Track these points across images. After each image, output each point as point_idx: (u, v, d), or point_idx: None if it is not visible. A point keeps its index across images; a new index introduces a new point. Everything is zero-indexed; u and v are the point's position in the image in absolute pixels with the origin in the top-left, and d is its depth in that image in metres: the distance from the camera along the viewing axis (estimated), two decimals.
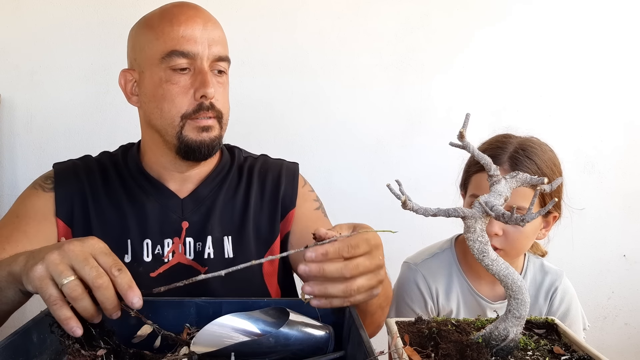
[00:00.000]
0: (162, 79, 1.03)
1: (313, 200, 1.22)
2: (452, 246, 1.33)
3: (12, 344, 0.66)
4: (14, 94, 1.89)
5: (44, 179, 1.13)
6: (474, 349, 0.68)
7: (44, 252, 0.71)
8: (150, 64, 1.04)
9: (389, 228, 2.02)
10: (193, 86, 1.03)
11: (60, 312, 0.67)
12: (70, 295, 0.67)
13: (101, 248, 0.71)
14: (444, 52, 2.00)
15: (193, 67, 1.03)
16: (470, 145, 0.70)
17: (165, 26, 1.03)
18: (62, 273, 0.67)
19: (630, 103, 2.05)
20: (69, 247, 0.69)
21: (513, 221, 0.64)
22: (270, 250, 1.15)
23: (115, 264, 0.70)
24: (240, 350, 0.72)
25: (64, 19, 1.88)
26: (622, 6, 2.01)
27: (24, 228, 1.05)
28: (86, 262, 0.68)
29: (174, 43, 1.01)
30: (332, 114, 1.99)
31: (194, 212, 1.11)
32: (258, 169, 1.20)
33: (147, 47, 1.05)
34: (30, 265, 0.70)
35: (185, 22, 1.02)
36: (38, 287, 0.68)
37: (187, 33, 1.02)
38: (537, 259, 1.34)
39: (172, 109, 1.03)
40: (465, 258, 1.30)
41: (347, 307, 0.83)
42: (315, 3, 1.94)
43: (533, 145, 1.22)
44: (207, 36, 1.03)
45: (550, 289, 1.29)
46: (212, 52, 1.04)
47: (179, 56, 1.01)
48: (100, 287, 0.67)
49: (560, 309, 1.28)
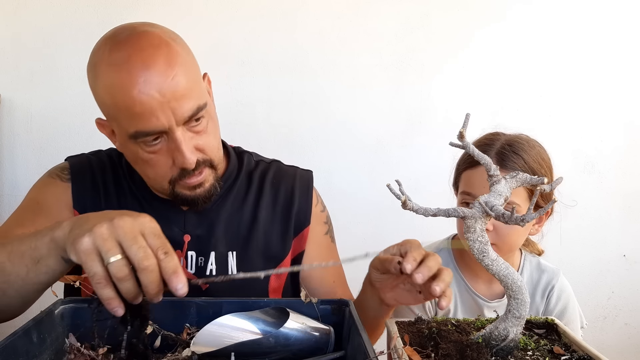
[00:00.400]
0: (137, 151, 0.94)
1: (323, 223, 1.18)
2: (449, 246, 1.34)
3: (12, 344, 0.66)
4: (14, 94, 1.89)
5: (60, 169, 1.10)
6: (474, 349, 0.68)
7: (91, 221, 0.68)
8: (120, 135, 0.95)
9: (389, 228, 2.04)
10: (170, 153, 0.93)
11: (104, 292, 0.65)
12: (115, 275, 0.65)
13: (152, 228, 0.69)
14: (443, 52, 2.00)
15: (165, 135, 0.92)
16: (470, 145, 0.70)
17: (119, 103, 0.88)
18: (109, 250, 0.65)
19: (630, 103, 2.05)
20: (119, 222, 0.66)
21: (513, 221, 0.64)
22: (279, 267, 1.10)
23: (162, 246, 0.67)
24: (240, 350, 0.72)
25: (64, 19, 1.88)
26: (622, 6, 2.01)
27: (46, 214, 1.02)
28: (135, 241, 0.66)
29: (136, 123, 0.89)
30: (332, 114, 1.99)
31: (197, 226, 1.07)
32: (271, 178, 1.14)
33: (110, 118, 0.95)
34: (77, 235, 0.67)
35: (138, 97, 0.86)
36: (83, 261, 0.66)
37: (144, 110, 0.87)
38: (534, 257, 1.34)
39: (157, 177, 0.97)
40: (461, 257, 1.31)
41: (347, 307, 0.83)
42: (315, 3, 1.94)
43: (520, 142, 1.22)
44: (167, 101, 0.88)
45: (547, 287, 1.29)
46: (180, 116, 0.90)
47: (144, 135, 0.90)
48: (146, 269, 0.65)
49: (557, 307, 1.28)
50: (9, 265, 0.76)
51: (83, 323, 0.78)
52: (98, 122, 1.01)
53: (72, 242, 0.67)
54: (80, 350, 0.75)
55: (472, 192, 1.19)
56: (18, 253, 0.75)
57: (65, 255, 0.71)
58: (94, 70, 0.93)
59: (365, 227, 2.01)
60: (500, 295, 1.28)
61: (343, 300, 0.85)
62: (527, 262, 1.32)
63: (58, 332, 0.77)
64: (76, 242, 0.66)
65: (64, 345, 0.77)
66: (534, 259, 1.33)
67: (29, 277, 0.75)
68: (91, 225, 0.67)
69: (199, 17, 1.90)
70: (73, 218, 0.74)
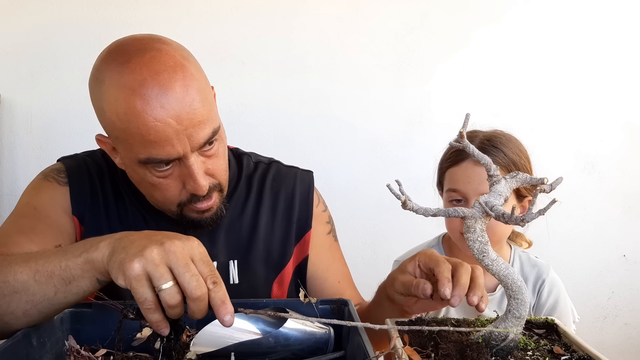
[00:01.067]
0: (146, 174, 0.90)
1: (325, 222, 1.16)
2: (440, 243, 1.39)
3: (12, 348, 0.66)
4: (14, 94, 1.89)
5: (56, 172, 1.04)
6: (474, 349, 0.68)
7: (137, 243, 0.65)
8: (127, 158, 0.91)
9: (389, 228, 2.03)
10: (182, 178, 0.90)
11: (153, 316, 0.64)
12: (168, 302, 0.63)
13: (201, 253, 0.67)
14: (443, 52, 2.00)
15: (178, 161, 0.88)
16: (469, 145, 0.70)
17: (133, 129, 0.84)
18: (162, 276, 0.63)
19: (630, 103, 2.05)
20: (171, 246, 0.64)
21: (513, 221, 0.64)
22: (281, 274, 1.08)
23: (211, 274, 0.66)
24: (240, 350, 0.72)
25: (64, 19, 1.88)
26: (622, 6, 2.01)
27: (46, 221, 0.97)
28: (187, 268, 0.64)
29: (149, 150, 0.85)
30: (332, 114, 1.99)
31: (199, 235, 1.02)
32: (270, 181, 1.11)
33: (118, 140, 0.89)
34: (124, 260, 0.64)
35: (154, 125, 0.83)
36: (133, 286, 0.63)
37: (159, 139, 0.84)
38: (524, 252, 1.37)
39: (166, 200, 0.94)
40: (452, 254, 1.35)
41: (346, 306, 0.83)
42: (315, 3, 1.94)
43: (497, 136, 1.26)
44: (183, 128, 0.85)
45: (538, 282, 1.32)
46: (196, 143, 0.87)
47: (157, 162, 0.87)
48: (198, 299, 0.64)
49: (548, 302, 1.30)
50: (34, 286, 0.71)
51: (83, 327, 0.78)
52: (99, 140, 0.96)
53: (120, 267, 0.64)
54: (80, 352, 0.75)
55: (457, 188, 1.24)
56: (45, 273, 0.71)
57: (102, 277, 0.69)
58: (100, 89, 0.88)
59: (365, 227, 2.01)
60: (492, 289, 1.30)
61: (342, 300, 0.85)
62: (516, 257, 1.35)
63: (58, 337, 0.76)
64: (125, 266, 0.63)
65: (64, 348, 0.76)
66: (523, 254, 1.36)
67: (56, 297, 0.71)
68: (139, 248, 0.64)
69: (199, 17, 1.90)
70: (109, 238, 0.70)
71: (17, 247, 0.88)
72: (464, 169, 1.23)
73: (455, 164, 1.25)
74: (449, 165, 1.28)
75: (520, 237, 1.40)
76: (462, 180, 1.23)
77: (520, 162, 1.24)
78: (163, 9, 1.90)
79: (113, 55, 0.89)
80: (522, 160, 1.25)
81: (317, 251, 1.12)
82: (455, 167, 1.25)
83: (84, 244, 0.71)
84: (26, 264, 0.72)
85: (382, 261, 1.21)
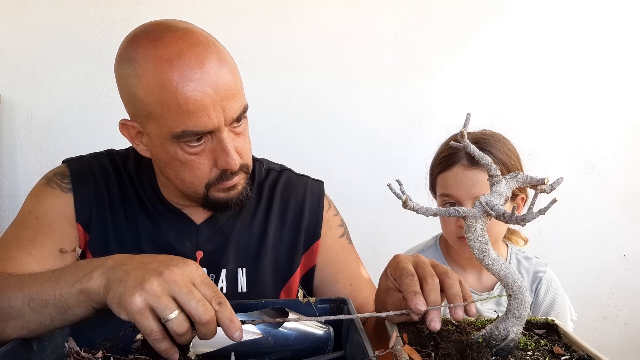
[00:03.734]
0: (177, 152, 0.89)
1: (337, 226, 1.14)
2: (437, 243, 1.40)
3: (12, 352, 0.66)
4: (14, 94, 1.89)
5: (60, 177, 1.02)
6: (474, 348, 0.68)
7: (134, 276, 0.63)
8: (158, 135, 0.90)
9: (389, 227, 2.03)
10: (213, 155, 0.90)
11: (161, 345, 0.63)
12: (176, 331, 0.62)
13: (201, 276, 0.66)
14: (443, 52, 2.00)
15: (209, 135, 0.89)
16: (470, 145, 0.70)
17: (170, 100, 0.85)
18: (166, 307, 0.62)
19: (631, 103, 2.05)
20: (170, 275, 0.63)
21: (513, 221, 0.64)
22: (288, 283, 1.07)
23: (215, 295, 0.65)
24: (240, 350, 0.72)
25: (64, 19, 1.88)
26: (622, 6, 2.01)
27: (47, 231, 0.95)
28: (191, 294, 0.63)
29: (185, 122, 0.85)
30: (332, 114, 1.99)
31: (210, 241, 1.03)
32: (280, 190, 1.09)
33: (150, 117, 0.88)
34: (123, 294, 0.62)
35: (192, 94, 0.84)
36: (137, 320, 0.62)
37: (197, 108, 0.85)
38: (521, 251, 1.38)
39: (195, 180, 0.93)
40: (449, 253, 1.37)
41: (346, 305, 0.83)
42: (315, 3, 1.94)
43: (486, 137, 1.27)
44: (219, 99, 0.86)
45: (535, 280, 1.33)
46: (229, 116, 0.88)
47: (192, 135, 0.87)
48: (207, 322, 0.63)
49: (546, 300, 1.31)
50: (29, 313, 0.70)
51: (82, 332, 0.78)
52: (123, 123, 0.94)
53: (121, 302, 0.62)
54: (80, 354, 0.75)
55: (449, 193, 1.25)
56: (39, 302, 0.69)
57: (98, 306, 0.68)
58: (131, 66, 0.87)
59: (365, 226, 2.01)
60: (489, 288, 1.32)
61: (342, 299, 0.85)
62: (513, 255, 1.36)
63: (58, 342, 0.76)
64: (126, 302, 0.61)
65: (64, 350, 0.76)
66: (520, 253, 1.37)
67: (52, 324, 0.70)
68: (137, 281, 0.62)
69: (199, 17, 1.89)
70: (101, 267, 0.67)
71: (14, 262, 0.88)
72: (455, 174, 1.24)
73: (445, 169, 1.26)
74: (439, 170, 1.29)
75: (516, 235, 1.41)
76: (454, 185, 1.24)
77: (510, 162, 1.25)
78: (163, 9, 1.90)
79: (142, 35, 0.89)
80: (511, 159, 1.26)
81: (327, 257, 1.10)
82: (446, 172, 1.26)
83: (76, 271, 0.69)
84: (19, 290, 0.71)
85: (382, 261, 1.21)
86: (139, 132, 0.94)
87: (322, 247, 1.10)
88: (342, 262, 1.11)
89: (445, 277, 0.77)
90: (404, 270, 0.77)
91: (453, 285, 0.76)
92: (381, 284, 0.87)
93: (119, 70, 0.91)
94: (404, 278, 0.76)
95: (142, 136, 0.94)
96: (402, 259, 0.81)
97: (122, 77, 0.90)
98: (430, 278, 0.75)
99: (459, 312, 0.74)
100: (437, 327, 0.72)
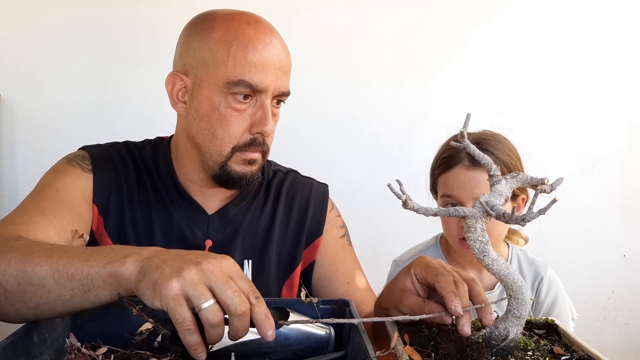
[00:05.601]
0: (221, 103, 0.96)
1: (339, 226, 1.18)
2: (437, 243, 1.41)
3: (12, 344, 0.66)
4: (14, 94, 1.89)
5: (81, 158, 1.04)
6: (474, 348, 0.68)
7: (171, 264, 0.62)
8: (211, 83, 0.96)
9: (389, 228, 2.03)
10: (251, 118, 0.97)
11: (192, 338, 0.61)
12: (210, 320, 0.60)
13: (238, 270, 0.66)
14: (443, 52, 2.00)
15: (256, 98, 0.97)
16: (470, 145, 0.70)
17: (239, 50, 0.94)
18: (202, 295, 0.60)
19: (631, 103, 2.05)
20: (208, 265, 0.62)
21: (513, 221, 0.64)
22: (291, 277, 1.10)
23: (252, 290, 0.64)
24: (241, 350, 0.72)
25: (64, 19, 1.88)
26: (623, 6, 2.01)
27: (67, 205, 0.96)
28: (228, 285, 0.62)
29: (245, 71, 0.94)
30: (332, 114, 1.99)
31: (219, 231, 1.06)
32: (287, 189, 1.14)
33: (212, 63, 0.95)
34: (159, 280, 0.60)
35: (262, 49, 0.95)
36: (170, 307, 0.60)
37: (261, 62, 0.94)
38: (522, 250, 1.38)
39: (225, 137, 0.97)
40: (449, 253, 1.37)
41: (347, 307, 0.83)
42: (315, 3, 1.94)
43: (486, 137, 1.27)
44: (278, 67, 0.97)
45: (536, 280, 1.33)
46: (278, 87, 0.98)
47: (246, 87, 0.94)
48: (242, 314, 0.61)
49: (547, 300, 1.30)
50: (51, 283, 0.68)
51: (84, 323, 0.78)
52: (173, 74, 1.00)
53: (155, 288, 0.60)
54: (81, 350, 0.75)
55: (451, 193, 1.25)
56: (65, 275, 0.68)
57: (124, 293, 0.66)
58: (206, 27, 0.97)
59: (365, 227, 2.01)
60: (490, 287, 1.31)
61: (343, 300, 0.85)
62: (514, 255, 1.36)
63: (58, 333, 0.76)
64: (162, 286, 0.60)
65: (65, 345, 0.77)
66: (521, 253, 1.37)
67: (71, 301, 0.68)
68: (174, 268, 0.61)
69: None
70: (136, 254, 0.66)
71: (36, 228, 0.87)
72: (457, 175, 1.24)
73: (447, 169, 1.26)
74: (441, 171, 1.29)
75: (516, 235, 1.41)
76: (456, 185, 1.24)
77: (511, 162, 1.25)
78: (163, 9, 1.90)
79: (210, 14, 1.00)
80: (512, 160, 1.26)
81: (326, 254, 1.13)
82: (447, 173, 1.26)
83: (109, 253, 0.68)
84: (48, 258, 0.70)
85: (382, 261, 1.22)
86: (183, 88, 1.00)
87: (323, 244, 1.13)
88: (340, 261, 1.14)
89: (472, 284, 0.77)
90: (439, 270, 0.78)
91: (480, 293, 0.77)
92: (398, 284, 0.85)
93: (195, 37, 0.98)
94: (442, 277, 0.76)
95: (185, 93, 1.00)
96: (431, 259, 0.82)
97: (189, 36, 0.99)
98: (461, 284, 0.76)
99: (490, 318, 0.74)
100: (468, 332, 0.72)
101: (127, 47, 1.90)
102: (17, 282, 0.70)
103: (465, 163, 1.24)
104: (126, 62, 1.90)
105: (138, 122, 1.90)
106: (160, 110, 1.83)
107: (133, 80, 1.89)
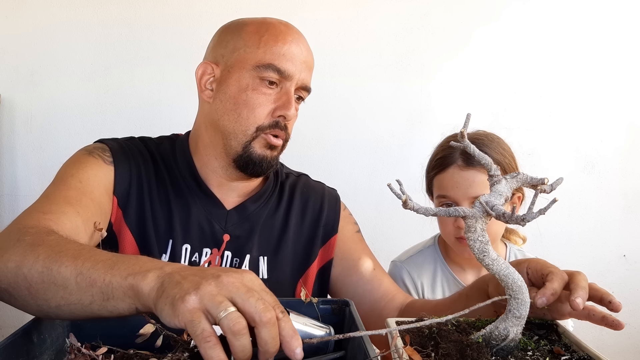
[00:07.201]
0: (249, 85, 1.03)
1: (353, 223, 1.22)
2: (436, 243, 1.42)
3: (12, 344, 0.66)
4: (14, 94, 1.89)
5: (101, 150, 1.05)
6: (474, 348, 0.68)
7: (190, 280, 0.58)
8: (241, 67, 1.04)
9: (389, 227, 2.02)
10: (275, 103, 1.03)
11: (214, 352, 0.53)
12: (231, 328, 0.54)
13: (260, 284, 0.61)
14: (443, 52, 2.00)
15: (281, 85, 1.04)
16: (470, 145, 0.70)
17: (270, 39, 1.04)
18: (220, 304, 0.55)
19: (631, 103, 2.05)
20: (227, 278, 0.58)
21: (513, 221, 0.64)
22: (305, 275, 1.12)
23: (277, 304, 0.59)
24: None
25: (64, 19, 1.88)
26: (623, 6, 2.01)
27: (90, 196, 0.95)
28: (250, 293, 0.57)
29: (275, 57, 1.02)
30: (332, 114, 1.99)
31: (237, 227, 1.08)
32: (300, 190, 1.18)
33: (243, 50, 1.04)
34: (177, 295, 0.57)
35: (290, 42, 1.05)
36: (188, 321, 0.55)
37: (289, 52, 1.04)
38: (519, 250, 1.39)
39: (251, 117, 1.02)
40: (447, 253, 1.39)
41: (348, 307, 0.83)
42: (315, 3, 1.94)
43: (480, 137, 1.28)
44: (304, 60, 1.05)
45: None
46: (302, 78, 1.06)
47: (274, 71, 1.02)
48: (269, 322, 0.55)
49: None
50: (73, 286, 0.66)
51: (84, 323, 0.78)
52: (204, 63, 1.08)
53: (174, 303, 0.56)
54: (81, 350, 0.75)
55: (446, 194, 1.27)
56: (87, 279, 0.66)
57: (142, 309, 0.63)
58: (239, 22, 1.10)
59: (365, 226, 2.00)
60: None
61: (343, 300, 0.85)
62: (512, 255, 1.37)
63: (58, 332, 0.76)
64: (179, 301, 0.56)
65: (65, 345, 0.77)
66: (519, 252, 1.38)
67: (90, 307, 0.66)
68: (193, 283, 0.57)
69: (198, 17, 1.90)
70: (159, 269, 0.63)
71: (65, 218, 0.86)
72: (451, 175, 1.25)
73: (441, 170, 1.28)
74: (435, 172, 1.30)
75: (514, 234, 1.42)
76: (450, 186, 1.25)
77: (505, 162, 1.26)
78: (163, 9, 1.90)
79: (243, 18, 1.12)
80: (506, 159, 1.27)
81: (345, 246, 1.16)
82: (442, 174, 1.28)
83: (134, 264, 0.65)
84: (74, 260, 0.68)
85: (382, 261, 1.22)
86: (211, 77, 1.06)
87: (339, 240, 1.16)
88: (361, 250, 1.17)
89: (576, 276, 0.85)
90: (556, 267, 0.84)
91: None
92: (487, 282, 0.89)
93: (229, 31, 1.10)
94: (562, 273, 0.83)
95: (213, 82, 1.06)
96: (546, 261, 0.87)
97: (228, 34, 1.09)
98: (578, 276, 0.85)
99: None
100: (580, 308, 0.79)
101: (127, 47, 1.90)
102: (41, 279, 0.69)
103: (459, 163, 1.25)
104: (126, 62, 1.90)
105: (138, 122, 1.90)
106: (161, 110, 1.84)
107: (133, 80, 1.89)
